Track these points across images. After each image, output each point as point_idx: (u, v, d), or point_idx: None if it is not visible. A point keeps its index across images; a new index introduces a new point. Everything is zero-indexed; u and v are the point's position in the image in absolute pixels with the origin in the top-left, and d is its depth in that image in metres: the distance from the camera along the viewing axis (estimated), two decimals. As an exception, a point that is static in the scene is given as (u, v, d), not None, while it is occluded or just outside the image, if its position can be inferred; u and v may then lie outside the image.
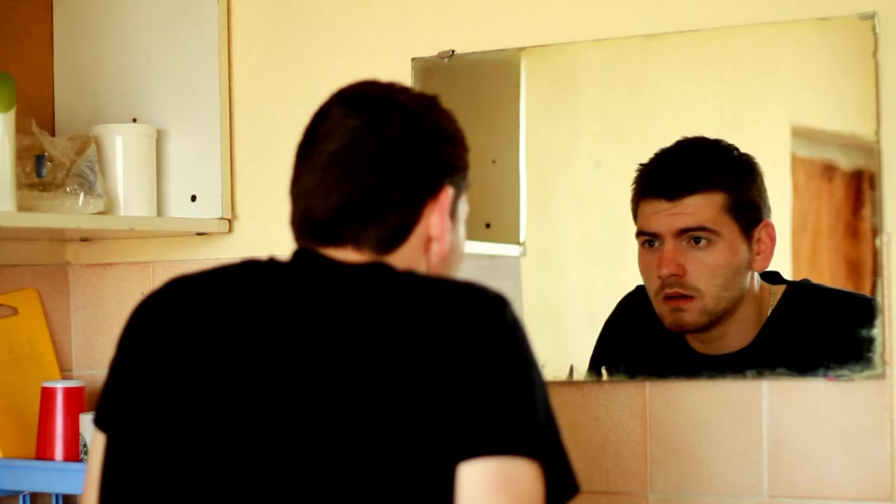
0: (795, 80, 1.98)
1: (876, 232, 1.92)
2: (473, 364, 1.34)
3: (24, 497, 2.35)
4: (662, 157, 2.00)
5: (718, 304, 1.97)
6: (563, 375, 2.09)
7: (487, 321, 1.38)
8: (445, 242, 1.49)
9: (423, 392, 1.33)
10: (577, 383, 2.09)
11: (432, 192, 1.47)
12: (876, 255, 1.92)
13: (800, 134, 1.99)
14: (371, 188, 1.45)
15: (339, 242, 1.46)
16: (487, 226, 2.17)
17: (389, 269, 1.44)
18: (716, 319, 1.98)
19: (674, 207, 1.97)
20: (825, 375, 1.94)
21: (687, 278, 1.97)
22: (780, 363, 1.96)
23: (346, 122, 1.48)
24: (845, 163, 1.94)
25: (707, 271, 1.96)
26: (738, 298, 1.97)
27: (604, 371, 2.08)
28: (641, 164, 2.01)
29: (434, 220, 1.47)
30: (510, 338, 1.39)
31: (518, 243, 2.15)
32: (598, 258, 2.12)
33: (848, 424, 1.94)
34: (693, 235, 1.96)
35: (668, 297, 1.99)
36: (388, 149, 1.46)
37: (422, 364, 1.34)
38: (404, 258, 1.46)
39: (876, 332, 1.91)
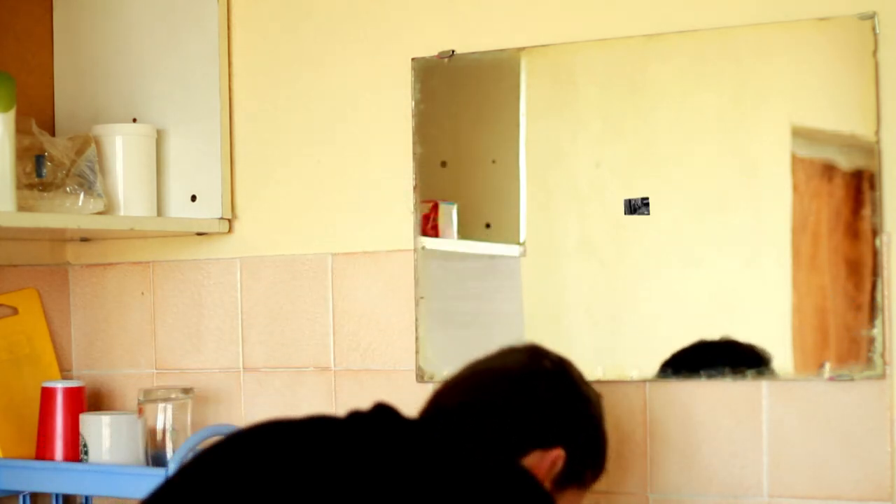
0: (795, 80, 1.98)
1: (876, 232, 1.92)
2: None
3: (24, 497, 2.35)
4: None
5: None
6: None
7: None
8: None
9: None
10: (577, 383, 2.09)
11: (543, 445, 1.66)
12: (876, 255, 1.92)
13: (800, 134, 1.99)
14: (496, 412, 1.67)
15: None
16: (487, 226, 2.17)
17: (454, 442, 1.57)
18: None
19: None
20: (825, 375, 1.94)
21: None
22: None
23: (513, 355, 1.79)
24: (845, 163, 1.94)
25: None
26: None
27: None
28: None
29: (531, 462, 1.65)
30: None
31: (518, 243, 2.15)
32: (598, 258, 2.12)
33: (848, 424, 1.94)
34: None
35: None
36: (530, 399, 1.69)
37: None
38: None
39: (876, 332, 1.91)
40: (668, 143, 2.04)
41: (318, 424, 1.54)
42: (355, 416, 1.55)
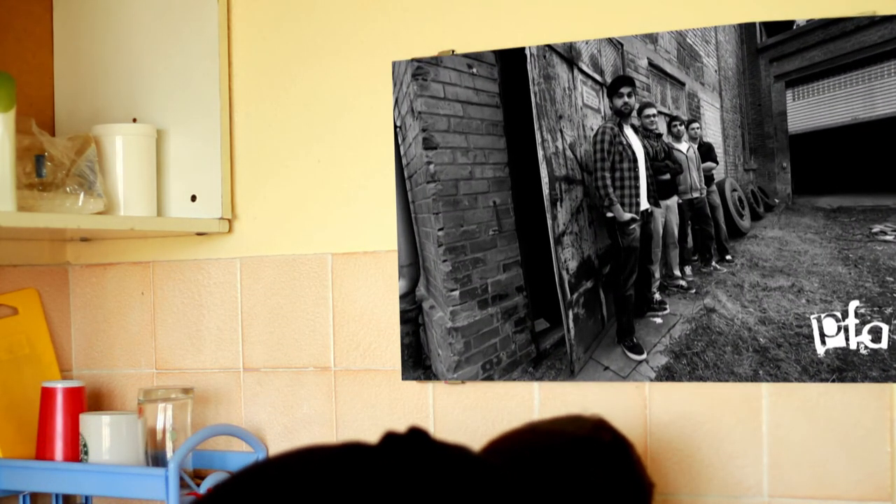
0: (795, 80, 1.98)
1: (876, 232, 1.93)
2: None
3: (24, 497, 2.35)
4: None
5: None
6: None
7: None
8: None
9: None
10: (578, 383, 2.09)
11: None
12: (876, 255, 1.93)
13: (800, 134, 1.99)
14: (544, 469, 1.64)
15: None
16: (487, 226, 2.17)
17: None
18: None
19: None
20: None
21: None
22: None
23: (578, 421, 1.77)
24: (845, 163, 1.95)
25: None
26: None
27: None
28: None
29: None
30: None
31: (518, 243, 2.15)
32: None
33: (848, 424, 1.94)
34: None
35: None
36: (584, 471, 1.67)
37: None
38: None
39: (876, 332, 1.92)
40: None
41: (353, 453, 1.51)
42: (390, 440, 1.52)
